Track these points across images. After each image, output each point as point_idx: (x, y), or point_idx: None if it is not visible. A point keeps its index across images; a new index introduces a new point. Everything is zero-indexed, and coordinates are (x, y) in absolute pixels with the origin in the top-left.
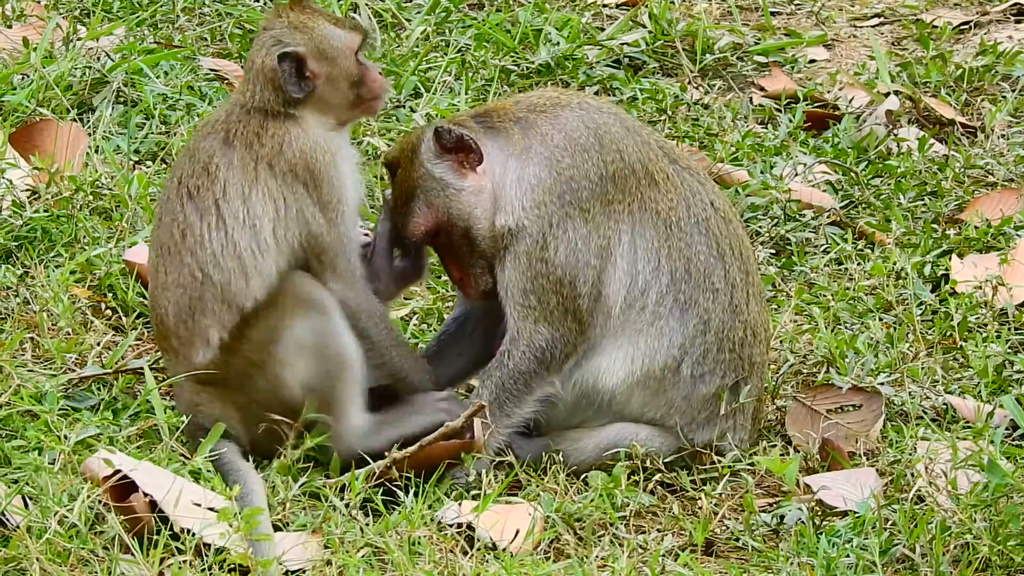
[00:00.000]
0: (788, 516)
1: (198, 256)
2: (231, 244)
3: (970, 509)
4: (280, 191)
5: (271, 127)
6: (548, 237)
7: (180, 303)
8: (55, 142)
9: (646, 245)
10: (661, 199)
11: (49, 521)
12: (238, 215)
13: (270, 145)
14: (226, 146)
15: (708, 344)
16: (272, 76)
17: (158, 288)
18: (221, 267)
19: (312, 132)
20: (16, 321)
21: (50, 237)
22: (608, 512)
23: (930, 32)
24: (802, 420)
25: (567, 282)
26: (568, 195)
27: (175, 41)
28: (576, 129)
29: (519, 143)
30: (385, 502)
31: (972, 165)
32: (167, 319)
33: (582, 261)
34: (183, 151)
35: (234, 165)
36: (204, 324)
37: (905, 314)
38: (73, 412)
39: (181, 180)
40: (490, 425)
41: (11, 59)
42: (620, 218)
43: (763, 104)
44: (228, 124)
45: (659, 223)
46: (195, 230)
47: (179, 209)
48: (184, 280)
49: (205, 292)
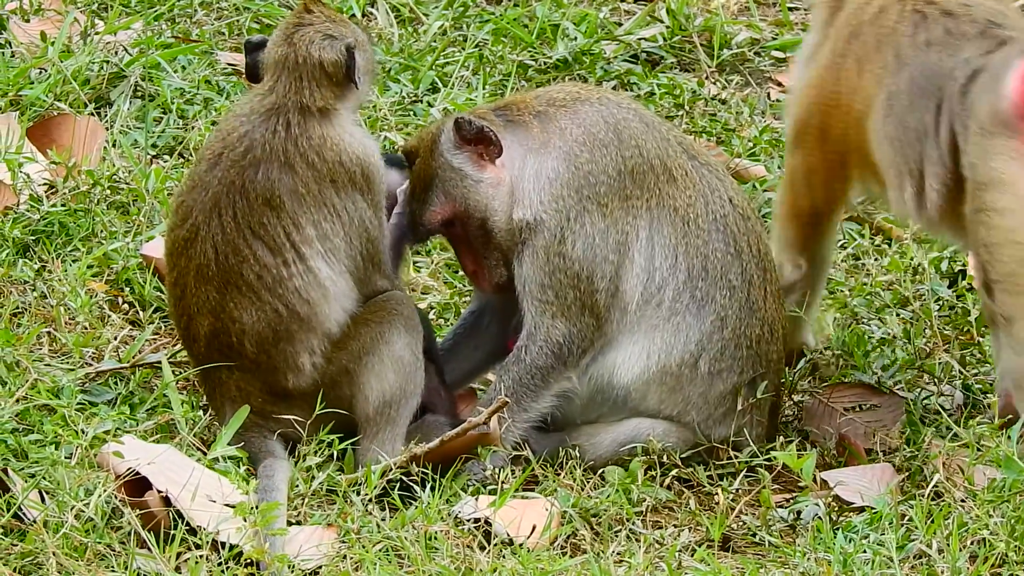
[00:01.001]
0: (805, 512)
1: (279, 295)
2: (311, 274)
3: (987, 505)
4: (343, 205)
5: (324, 133)
6: (566, 231)
7: (262, 335)
8: (72, 136)
9: (663, 241)
10: (679, 195)
11: (66, 515)
12: (313, 243)
13: (331, 158)
14: (286, 172)
15: (725, 341)
16: (331, 71)
17: (225, 320)
18: (305, 300)
19: (354, 131)
20: (33, 315)
21: (67, 231)
22: (625, 507)
23: None
24: (820, 416)
25: (585, 276)
26: (586, 189)
27: (193, 36)
28: (595, 124)
29: (538, 137)
30: (402, 497)
31: None
32: (244, 348)
33: (599, 256)
34: (219, 180)
35: (299, 192)
36: (290, 352)
37: (922, 309)
38: (90, 406)
39: (238, 220)
40: (507, 420)
41: (29, 53)
42: (638, 213)
43: (781, 99)
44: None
45: (677, 219)
46: (272, 270)
47: (246, 249)
48: (266, 318)
49: (291, 325)
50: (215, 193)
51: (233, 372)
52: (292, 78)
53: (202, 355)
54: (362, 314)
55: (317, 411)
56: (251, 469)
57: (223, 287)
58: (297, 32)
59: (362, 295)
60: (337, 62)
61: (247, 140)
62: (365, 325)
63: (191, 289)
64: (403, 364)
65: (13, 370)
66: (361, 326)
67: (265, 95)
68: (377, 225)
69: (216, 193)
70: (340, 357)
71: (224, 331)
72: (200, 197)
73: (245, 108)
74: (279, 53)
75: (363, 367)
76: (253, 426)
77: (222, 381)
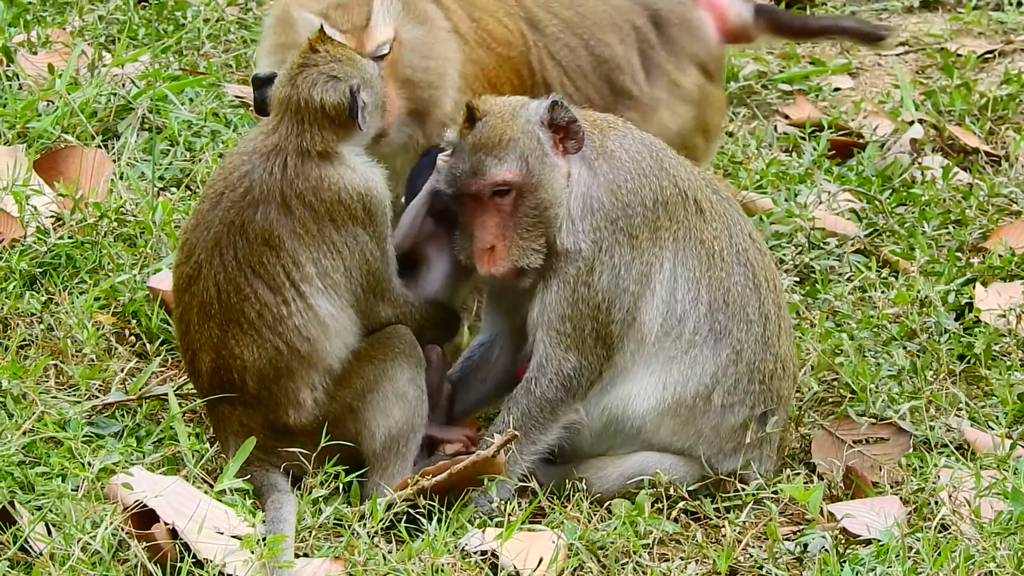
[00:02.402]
0: (812, 544)
1: (279, 333)
2: (311, 312)
3: (994, 537)
4: (344, 241)
5: (321, 174)
6: (595, 262)
7: (263, 372)
8: (80, 168)
9: (687, 274)
10: (706, 228)
11: (72, 548)
12: (312, 280)
13: (329, 198)
14: (284, 214)
15: (739, 374)
16: (333, 114)
17: (227, 357)
18: (305, 337)
19: (357, 168)
20: (40, 347)
21: (74, 264)
22: (631, 540)
23: (954, 61)
24: (827, 448)
25: (604, 308)
26: (622, 220)
27: (200, 68)
28: (640, 152)
29: (595, 150)
30: (408, 529)
31: (996, 194)
32: (245, 384)
33: (621, 287)
34: (220, 219)
35: (297, 232)
36: (291, 388)
37: (929, 342)
38: (97, 439)
39: (239, 259)
40: (514, 452)
41: (36, 86)
42: (664, 244)
43: (788, 132)
44: (276, 183)
45: (702, 252)
46: (272, 309)
47: (246, 287)
48: (266, 355)
49: (291, 362)
50: (216, 232)
51: (236, 407)
52: (294, 120)
53: (206, 390)
54: (364, 350)
55: (322, 444)
56: (257, 502)
57: (225, 324)
58: (301, 73)
59: (365, 326)
60: (339, 104)
61: (247, 180)
62: (368, 362)
63: (195, 325)
64: (408, 400)
65: (20, 402)
66: (364, 363)
67: (268, 134)
68: (379, 256)
69: (218, 232)
70: (344, 395)
71: (226, 368)
72: (203, 236)
73: (249, 146)
74: (283, 94)
75: (368, 404)
76: (256, 460)
77: (225, 416)
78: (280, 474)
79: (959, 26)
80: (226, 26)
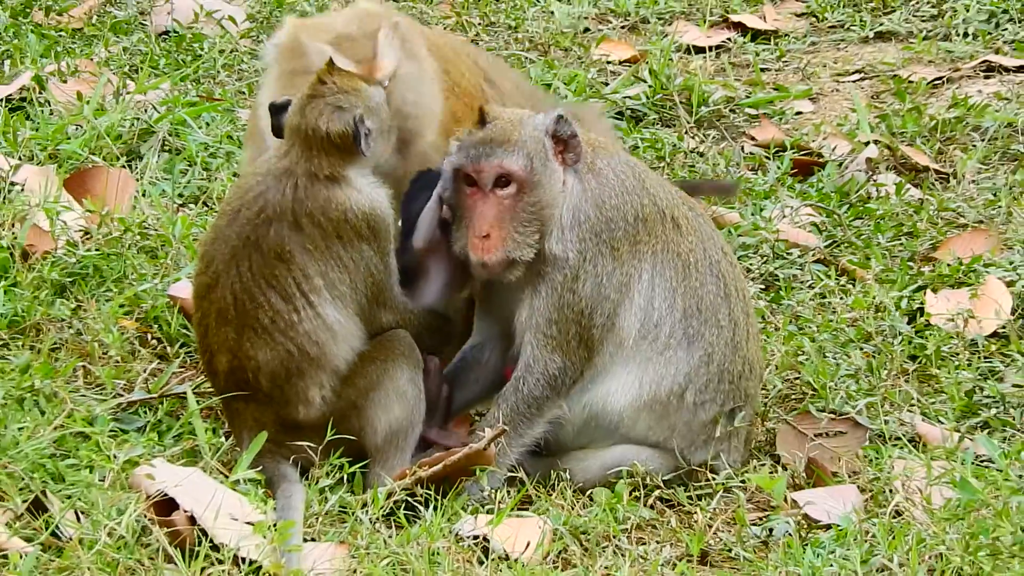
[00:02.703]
0: (776, 529)
1: (291, 337)
2: (320, 319)
3: (943, 523)
4: (350, 256)
5: (329, 195)
6: (580, 271)
7: (275, 372)
8: (106, 187)
9: (665, 284)
10: (683, 241)
11: (99, 534)
12: (321, 291)
13: (336, 216)
14: (295, 231)
15: (711, 375)
16: (338, 141)
17: (242, 358)
18: (314, 341)
19: (363, 190)
20: (70, 350)
21: (101, 274)
22: (611, 525)
23: (906, 87)
24: (791, 441)
25: (587, 313)
26: (605, 233)
27: (216, 94)
28: (624, 172)
29: (586, 166)
30: (407, 516)
31: (945, 208)
32: (259, 383)
33: (603, 295)
34: (236, 235)
35: (307, 248)
36: (301, 386)
37: (884, 344)
38: (122, 433)
39: (253, 271)
40: (503, 445)
41: (66, 111)
42: (643, 257)
43: (754, 152)
44: (287, 203)
45: (679, 263)
46: (284, 316)
47: (260, 296)
48: (278, 357)
49: (301, 363)
50: (233, 246)
51: (250, 404)
52: (303, 147)
53: (222, 388)
54: (368, 352)
55: (328, 438)
56: (268, 491)
57: (240, 329)
58: (310, 104)
59: (369, 331)
60: (344, 133)
61: (261, 200)
62: (371, 363)
63: (212, 329)
64: (407, 398)
65: (51, 400)
66: (367, 363)
67: (280, 157)
68: (383, 269)
69: (235, 246)
70: (349, 393)
71: (241, 368)
72: (221, 248)
73: (263, 167)
74: (293, 122)
75: (370, 402)
76: (267, 453)
77: (239, 412)
78: (289, 465)
79: (911, 55)
80: (239, 56)
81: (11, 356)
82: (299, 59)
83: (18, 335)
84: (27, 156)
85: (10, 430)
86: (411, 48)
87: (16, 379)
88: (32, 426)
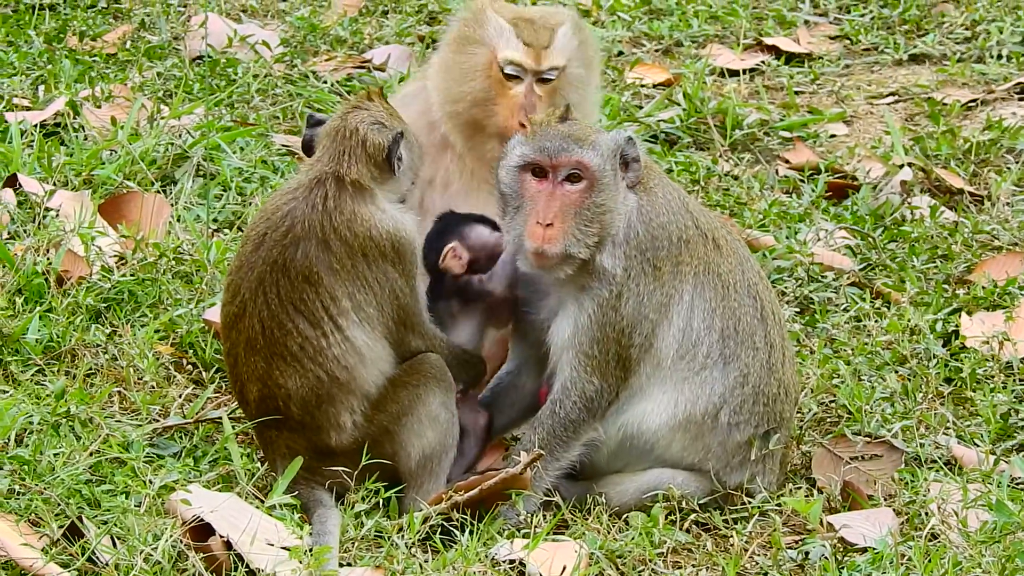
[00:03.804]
0: (812, 552)
1: (320, 363)
2: (349, 343)
3: (979, 546)
4: (375, 276)
5: (355, 208)
6: (624, 288)
7: (306, 399)
8: (140, 212)
9: (704, 304)
10: (723, 262)
11: (135, 559)
12: (348, 314)
13: (361, 232)
14: (323, 250)
15: (745, 396)
16: (372, 151)
17: (272, 387)
18: (343, 366)
19: (388, 211)
20: (105, 376)
21: (136, 299)
22: (647, 549)
23: (940, 109)
24: (826, 465)
25: (627, 333)
26: (649, 252)
27: (250, 119)
28: (671, 194)
29: (641, 184)
30: (443, 541)
31: (979, 230)
32: (290, 411)
33: (643, 314)
34: (263, 259)
35: (334, 268)
36: (332, 412)
37: (919, 367)
38: (157, 459)
39: (281, 296)
40: (539, 469)
41: (101, 136)
42: (685, 278)
43: (788, 175)
44: (316, 217)
45: (719, 284)
46: (312, 341)
47: (288, 323)
48: (308, 384)
49: (331, 388)
50: (260, 272)
51: (282, 431)
52: (337, 149)
53: (254, 417)
54: (399, 376)
55: (363, 463)
56: (304, 516)
57: (270, 357)
58: (353, 112)
59: (399, 356)
60: (379, 144)
61: (289, 218)
62: (403, 387)
63: (242, 359)
64: (439, 422)
65: (87, 426)
66: (399, 388)
67: (312, 166)
68: (408, 292)
69: (261, 272)
70: (381, 418)
71: (272, 396)
72: (247, 276)
73: (292, 183)
74: (332, 125)
75: (403, 427)
76: (302, 478)
77: (272, 440)
78: (325, 491)
79: (945, 77)
80: (273, 81)
81: (47, 382)
82: (477, 28)
83: (54, 360)
84: (62, 182)
85: (46, 456)
86: (587, 54)
87: (52, 405)
88: (68, 452)
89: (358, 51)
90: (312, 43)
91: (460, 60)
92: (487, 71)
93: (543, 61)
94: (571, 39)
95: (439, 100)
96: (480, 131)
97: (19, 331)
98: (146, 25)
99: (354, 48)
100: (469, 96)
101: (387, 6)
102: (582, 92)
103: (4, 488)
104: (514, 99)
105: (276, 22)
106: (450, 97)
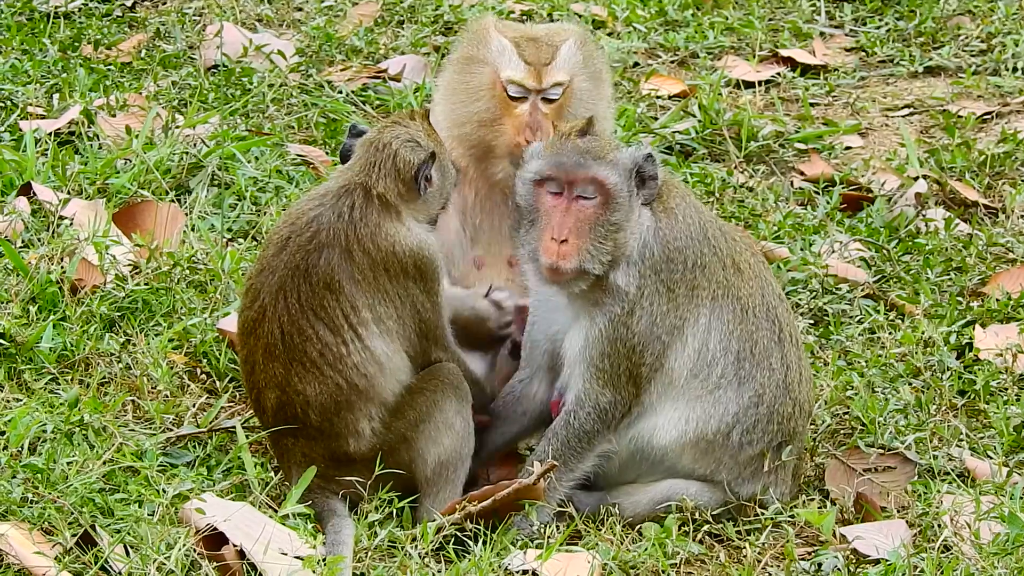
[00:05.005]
0: (825, 564)
1: (339, 370)
2: (368, 352)
3: (992, 558)
4: (396, 291)
5: (381, 224)
6: (636, 306)
7: (324, 405)
8: (155, 221)
9: (722, 326)
10: (744, 286)
11: (149, 568)
12: (368, 325)
13: (385, 247)
14: (345, 259)
15: (759, 416)
16: (401, 167)
17: (290, 394)
18: (363, 374)
19: (413, 229)
20: (119, 385)
21: (150, 308)
22: (661, 560)
23: (955, 121)
24: (839, 476)
25: (638, 351)
26: (664, 273)
27: (265, 129)
28: (692, 217)
29: (660, 204)
30: (456, 551)
31: (994, 243)
32: (308, 418)
33: (654, 334)
34: (285, 264)
35: (355, 278)
36: (351, 419)
37: (933, 379)
38: (171, 468)
39: (301, 302)
40: (553, 480)
41: (115, 145)
42: (701, 302)
43: (803, 187)
44: (342, 226)
45: (737, 307)
46: (332, 349)
47: (309, 329)
48: (327, 390)
49: (350, 396)
50: (281, 276)
51: (299, 439)
52: (368, 160)
53: (270, 425)
54: (416, 383)
55: (376, 472)
56: (318, 526)
57: (289, 364)
58: (391, 127)
59: (419, 366)
60: (409, 162)
61: (315, 224)
62: (420, 394)
63: (260, 365)
64: (455, 430)
65: (100, 435)
66: (416, 395)
67: (342, 173)
68: (431, 307)
69: (282, 276)
70: (398, 425)
71: (290, 403)
72: (267, 280)
73: (321, 189)
74: (368, 137)
75: (419, 434)
76: (316, 488)
77: (288, 448)
78: (339, 500)
79: (960, 90)
80: (288, 91)
81: (60, 390)
82: (481, 48)
83: (67, 369)
84: (76, 190)
85: (59, 464)
86: (595, 67)
87: (65, 413)
88: (81, 460)
89: (373, 61)
90: (327, 53)
91: (465, 81)
92: (491, 91)
93: (544, 79)
94: (575, 54)
95: (446, 124)
96: (489, 152)
97: (33, 340)
98: (161, 34)
99: (369, 58)
100: (475, 117)
101: (403, 16)
102: (591, 106)
103: (18, 496)
104: (519, 118)
105: (291, 31)
106: (457, 120)
